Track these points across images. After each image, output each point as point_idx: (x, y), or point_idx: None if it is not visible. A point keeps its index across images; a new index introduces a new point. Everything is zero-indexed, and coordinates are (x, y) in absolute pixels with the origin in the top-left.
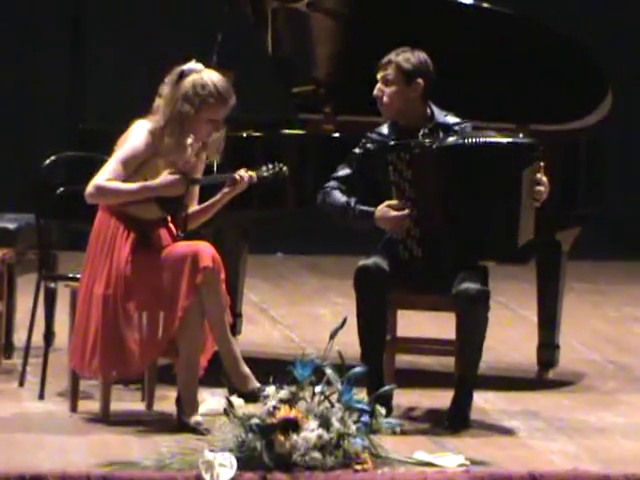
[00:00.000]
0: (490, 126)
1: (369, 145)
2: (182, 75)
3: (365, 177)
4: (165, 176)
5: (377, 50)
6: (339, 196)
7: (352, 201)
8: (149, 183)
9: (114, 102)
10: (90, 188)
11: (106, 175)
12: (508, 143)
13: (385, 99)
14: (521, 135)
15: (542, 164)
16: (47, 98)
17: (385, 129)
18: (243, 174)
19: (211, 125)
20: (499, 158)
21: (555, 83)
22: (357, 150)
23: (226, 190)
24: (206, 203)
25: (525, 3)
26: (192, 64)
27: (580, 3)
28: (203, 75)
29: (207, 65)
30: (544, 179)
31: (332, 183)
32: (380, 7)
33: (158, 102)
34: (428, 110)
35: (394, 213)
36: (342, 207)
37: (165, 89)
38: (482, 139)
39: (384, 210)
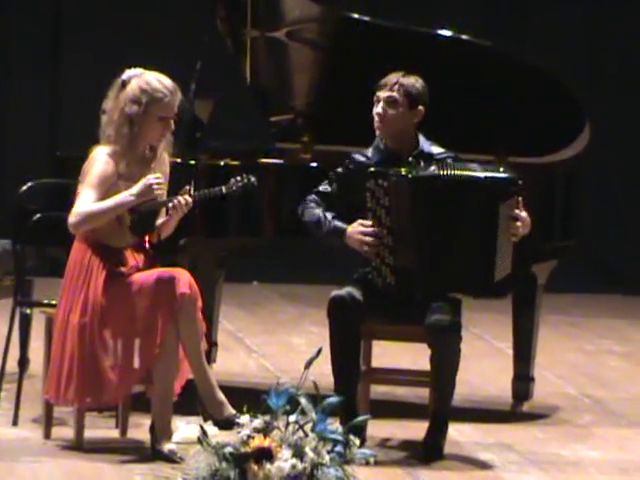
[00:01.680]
0: (472, 158)
1: (351, 166)
2: (124, 84)
3: (343, 196)
4: (142, 181)
5: (355, 81)
6: (317, 209)
7: (329, 215)
8: (127, 191)
9: (91, 130)
10: (73, 217)
11: (84, 202)
12: (485, 178)
13: (386, 119)
14: (502, 169)
15: (520, 199)
16: (24, 126)
17: (370, 152)
18: (180, 200)
19: (161, 125)
20: (475, 192)
21: (534, 116)
22: (340, 169)
23: (170, 213)
24: (159, 221)
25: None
26: (130, 71)
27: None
28: (145, 76)
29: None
30: (523, 214)
31: (313, 196)
32: (359, 38)
33: (103, 119)
34: (414, 138)
35: (362, 229)
36: (317, 220)
37: (109, 103)
38: (459, 172)
39: (354, 227)
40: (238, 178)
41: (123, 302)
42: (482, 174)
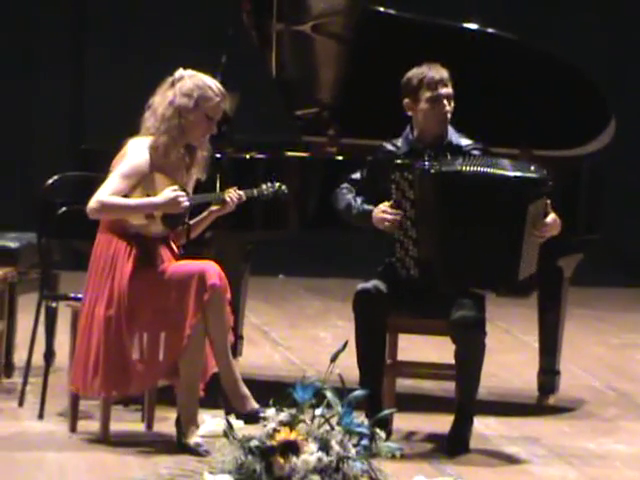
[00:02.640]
0: (498, 152)
1: (381, 155)
2: (173, 82)
3: (372, 185)
4: (168, 193)
5: (381, 74)
6: (347, 195)
7: (358, 200)
8: (152, 199)
9: (116, 123)
10: (93, 203)
11: (108, 190)
12: (514, 177)
13: (449, 116)
14: (533, 168)
15: (548, 201)
16: (50, 118)
17: (400, 142)
18: (233, 195)
19: (206, 124)
20: (503, 191)
21: (559, 109)
22: (371, 157)
23: (214, 209)
24: (194, 220)
25: (532, 31)
26: (182, 71)
27: (582, 31)
28: (198, 75)
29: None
30: (551, 216)
31: (345, 184)
32: (384, 31)
33: (147, 114)
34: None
35: (383, 208)
36: (348, 204)
37: (156, 99)
38: (485, 168)
39: (378, 207)
40: (269, 184)
41: (150, 294)
42: (512, 173)
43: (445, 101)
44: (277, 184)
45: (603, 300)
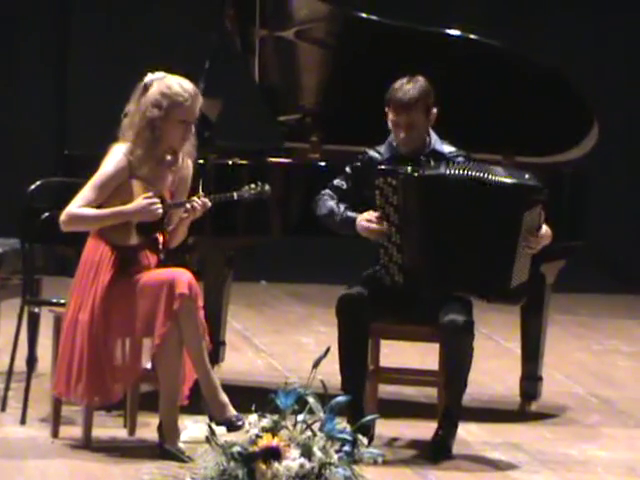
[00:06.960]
0: (483, 158)
1: (364, 162)
2: (145, 87)
3: (355, 191)
4: (139, 201)
5: (364, 80)
6: (329, 201)
7: (342, 206)
8: (124, 208)
9: (100, 128)
10: (62, 216)
11: (79, 202)
12: (512, 184)
13: (409, 140)
14: (528, 176)
15: (542, 212)
16: (33, 123)
17: (383, 148)
18: (197, 202)
19: (182, 128)
20: (498, 196)
21: (541, 116)
22: (354, 164)
23: (184, 216)
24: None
25: (514, 37)
26: (152, 74)
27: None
28: (166, 80)
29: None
30: (544, 227)
31: (327, 190)
32: (368, 37)
33: (125, 122)
34: (427, 137)
35: (367, 217)
36: (331, 211)
37: (131, 106)
38: (476, 174)
39: (363, 215)
40: (252, 185)
41: (126, 301)
42: (509, 179)
43: (402, 129)
44: (259, 186)
45: (585, 306)
